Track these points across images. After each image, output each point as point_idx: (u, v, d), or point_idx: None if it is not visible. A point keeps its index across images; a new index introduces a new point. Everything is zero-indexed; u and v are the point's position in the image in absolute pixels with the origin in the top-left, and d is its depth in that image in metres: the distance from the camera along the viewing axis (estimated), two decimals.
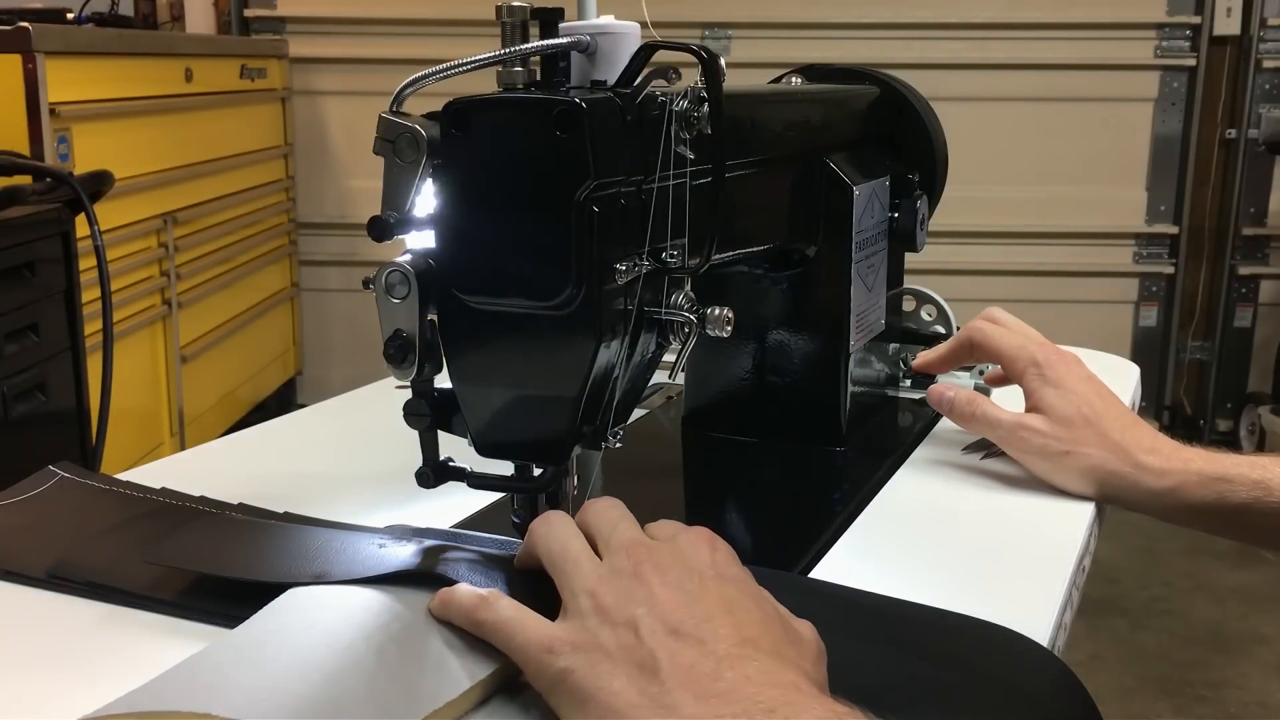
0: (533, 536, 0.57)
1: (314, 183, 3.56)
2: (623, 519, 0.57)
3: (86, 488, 0.80)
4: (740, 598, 0.52)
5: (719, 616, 0.49)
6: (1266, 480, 0.76)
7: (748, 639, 0.49)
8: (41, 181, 1.73)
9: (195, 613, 0.62)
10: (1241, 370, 3.54)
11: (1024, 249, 3.45)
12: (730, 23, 3.40)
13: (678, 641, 0.48)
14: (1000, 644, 0.60)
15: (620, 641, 0.49)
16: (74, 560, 0.67)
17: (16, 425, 1.67)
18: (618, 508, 0.58)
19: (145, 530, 0.72)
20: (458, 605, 0.56)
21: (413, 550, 0.65)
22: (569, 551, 0.54)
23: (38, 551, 0.69)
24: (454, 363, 0.63)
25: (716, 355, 0.94)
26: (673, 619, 0.49)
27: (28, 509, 0.76)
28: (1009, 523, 0.80)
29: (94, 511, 0.76)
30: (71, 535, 0.72)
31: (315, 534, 0.68)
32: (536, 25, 0.63)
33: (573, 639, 0.50)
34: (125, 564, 0.66)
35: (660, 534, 0.57)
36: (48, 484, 0.79)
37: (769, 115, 0.84)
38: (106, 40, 2.39)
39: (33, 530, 0.73)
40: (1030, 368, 0.85)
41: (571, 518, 0.58)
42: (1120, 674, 2.30)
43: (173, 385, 2.61)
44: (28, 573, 0.67)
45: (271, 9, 3.52)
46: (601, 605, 0.51)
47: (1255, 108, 3.39)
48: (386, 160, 0.61)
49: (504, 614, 0.53)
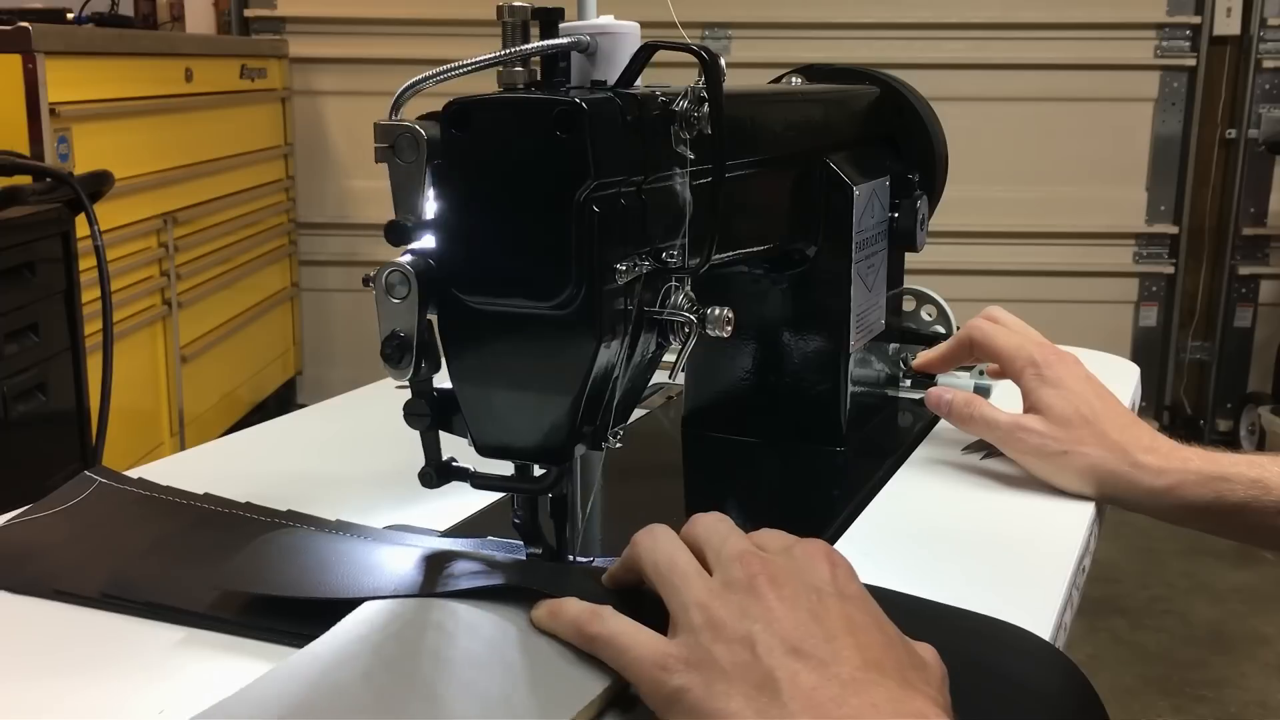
0: (635, 549, 0.55)
1: (314, 183, 3.56)
2: (732, 532, 0.54)
3: (126, 494, 0.78)
4: (862, 618, 0.49)
5: (841, 637, 0.47)
6: (1264, 479, 0.75)
7: (872, 662, 0.46)
8: (41, 181, 1.73)
9: (260, 631, 0.61)
10: (1241, 370, 3.55)
11: (1024, 249, 3.45)
12: (730, 23, 3.40)
13: (798, 661, 0.46)
14: (1009, 641, 0.60)
15: (736, 659, 0.46)
16: (128, 578, 0.65)
17: (16, 425, 1.67)
18: (725, 521, 0.55)
19: (196, 542, 0.70)
20: (567, 618, 0.54)
21: (495, 564, 0.64)
22: (676, 564, 0.52)
23: (88, 569, 0.67)
24: (454, 363, 0.63)
25: (716, 355, 0.94)
26: (792, 637, 0.47)
27: (70, 521, 0.74)
28: (1009, 523, 0.80)
29: (139, 522, 0.74)
30: (120, 549, 0.69)
31: (378, 547, 0.66)
32: (537, 25, 0.63)
33: (686, 655, 0.48)
34: (181, 581, 0.64)
35: (772, 545, 0.54)
36: (86, 492, 0.78)
37: (769, 115, 0.84)
38: (106, 40, 2.39)
39: (78, 544, 0.71)
40: (1028, 367, 0.85)
41: (674, 530, 0.56)
42: (1120, 674, 2.30)
43: (173, 385, 2.61)
44: (80, 592, 0.64)
45: (271, 9, 3.52)
46: (715, 620, 0.48)
47: (1255, 108, 3.39)
48: (390, 165, 0.61)
49: (615, 628, 0.51)
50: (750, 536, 0.55)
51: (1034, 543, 0.77)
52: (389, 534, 0.71)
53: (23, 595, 0.66)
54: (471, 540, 0.69)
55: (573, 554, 0.66)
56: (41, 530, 0.73)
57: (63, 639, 0.62)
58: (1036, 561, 0.74)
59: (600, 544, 0.72)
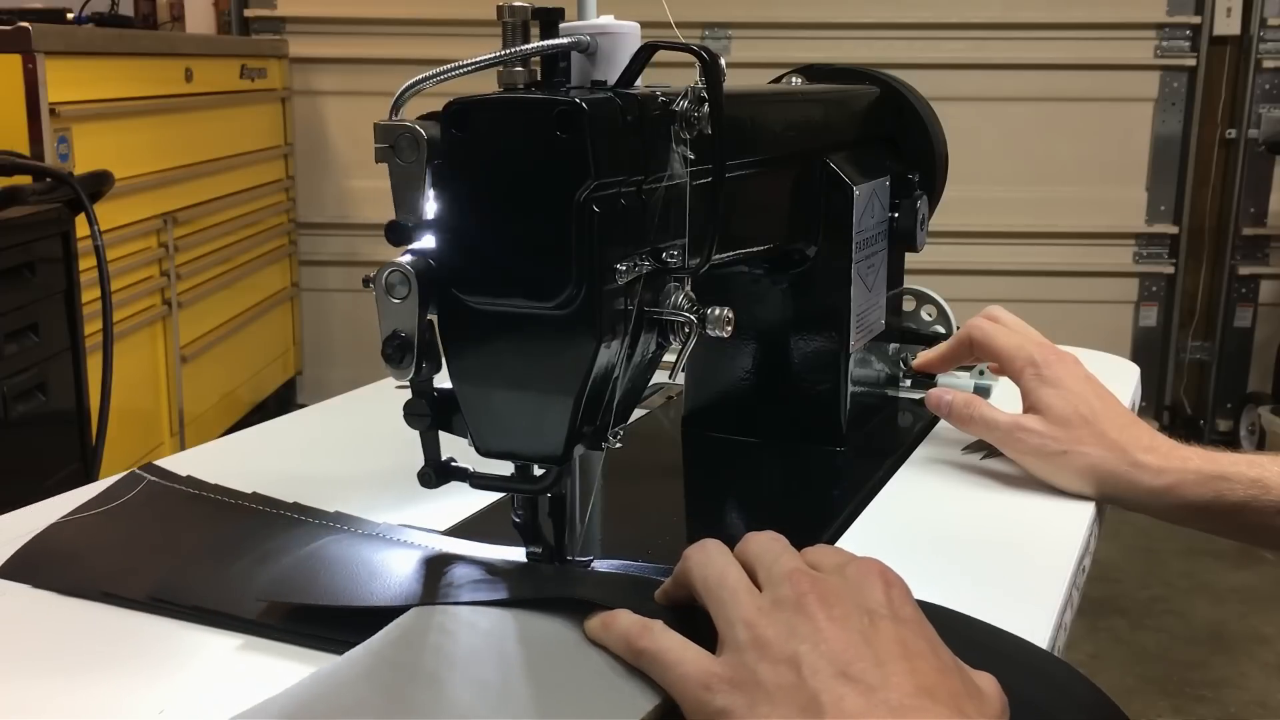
0: (687, 564, 0.54)
1: (314, 183, 3.56)
2: (785, 550, 0.53)
3: (175, 493, 0.78)
4: (916, 641, 0.47)
5: (893, 662, 0.45)
6: (1264, 479, 0.75)
7: (925, 689, 0.44)
8: (41, 181, 1.74)
9: (307, 638, 0.60)
10: (1241, 370, 3.55)
11: (1024, 249, 3.45)
12: (730, 23, 3.40)
13: (845, 685, 0.44)
14: (1039, 669, 0.58)
15: (780, 680, 0.45)
16: (176, 582, 0.65)
17: (16, 425, 1.67)
18: (780, 540, 0.54)
19: (245, 546, 0.69)
20: (618, 630, 0.53)
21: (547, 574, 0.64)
22: (726, 579, 0.51)
23: (135, 571, 0.67)
24: (454, 363, 0.63)
25: (716, 355, 0.94)
26: (840, 659, 0.45)
27: (117, 521, 0.74)
28: (1009, 523, 0.80)
29: (187, 523, 0.74)
30: (168, 551, 0.70)
31: (425, 555, 0.66)
32: (537, 25, 0.63)
33: (730, 675, 0.47)
34: (230, 586, 0.64)
35: (825, 562, 0.52)
36: (134, 490, 0.78)
37: (769, 115, 0.84)
38: (106, 40, 2.39)
39: (126, 545, 0.71)
40: (1027, 367, 0.85)
41: (727, 547, 0.54)
42: (1120, 674, 2.30)
43: (173, 385, 2.61)
44: (127, 594, 0.65)
45: (271, 9, 3.52)
46: (761, 639, 0.47)
47: (1255, 108, 3.39)
48: (390, 166, 0.61)
49: (663, 643, 0.50)
50: (804, 554, 0.53)
51: (1034, 543, 0.77)
52: (436, 540, 0.70)
53: (71, 597, 0.65)
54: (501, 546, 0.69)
55: (572, 554, 0.66)
56: (90, 530, 0.73)
57: (63, 637, 0.62)
58: (1036, 561, 0.73)
59: (600, 544, 0.72)
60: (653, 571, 0.64)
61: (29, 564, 0.69)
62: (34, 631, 0.63)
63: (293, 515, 0.74)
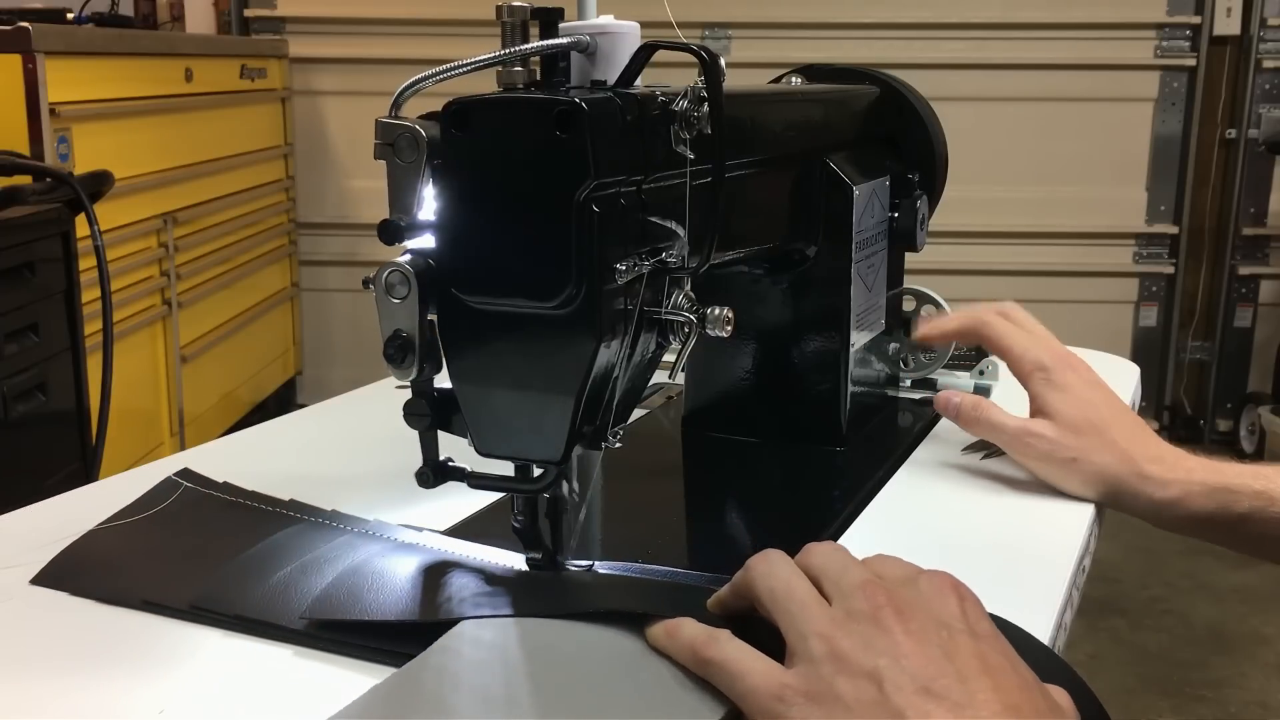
0: (749, 574, 0.52)
1: (314, 183, 3.56)
2: (852, 562, 0.52)
3: (213, 500, 0.78)
4: (996, 658, 0.46)
5: (976, 678, 0.44)
6: (1269, 490, 0.75)
7: (1011, 707, 0.43)
8: (41, 181, 1.74)
9: (352, 648, 0.60)
10: (1241, 370, 3.55)
11: (1024, 249, 3.45)
12: (730, 23, 3.40)
13: (930, 702, 0.43)
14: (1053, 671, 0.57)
15: (861, 695, 0.44)
16: (217, 591, 0.65)
17: (16, 425, 1.67)
18: (843, 550, 0.53)
19: (285, 555, 0.69)
20: (683, 639, 0.52)
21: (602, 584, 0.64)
22: (794, 591, 0.50)
23: (176, 578, 0.67)
24: (454, 363, 0.63)
25: (716, 355, 0.94)
26: (923, 675, 0.44)
27: (157, 528, 0.74)
28: (1009, 523, 0.80)
29: (226, 531, 0.73)
30: (208, 559, 0.69)
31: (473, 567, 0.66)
32: (536, 25, 0.63)
33: (807, 688, 0.45)
34: (271, 596, 0.64)
35: (893, 574, 0.51)
36: (173, 496, 0.78)
37: (769, 115, 0.84)
38: (106, 40, 2.39)
39: (166, 553, 0.71)
40: (1036, 371, 0.84)
41: (789, 557, 0.53)
42: (1120, 674, 2.30)
43: (173, 385, 2.61)
44: (169, 603, 0.64)
45: (271, 9, 3.52)
46: (838, 652, 0.46)
47: (1255, 108, 3.39)
48: (389, 163, 0.61)
49: (731, 653, 0.49)
50: (867, 563, 0.53)
51: (1034, 543, 0.77)
52: (476, 551, 0.69)
53: (112, 605, 0.65)
54: None
55: (568, 555, 0.66)
56: (130, 537, 0.73)
57: (62, 637, 0.62)
58: (1037, 562, 0.73)
59: (599, 545, 0.72)
60: (699, 579, 0.63)
61: (69, 571, 0.68)
62: (34, 632, 0.63)
63: (332, 524, 0.74)
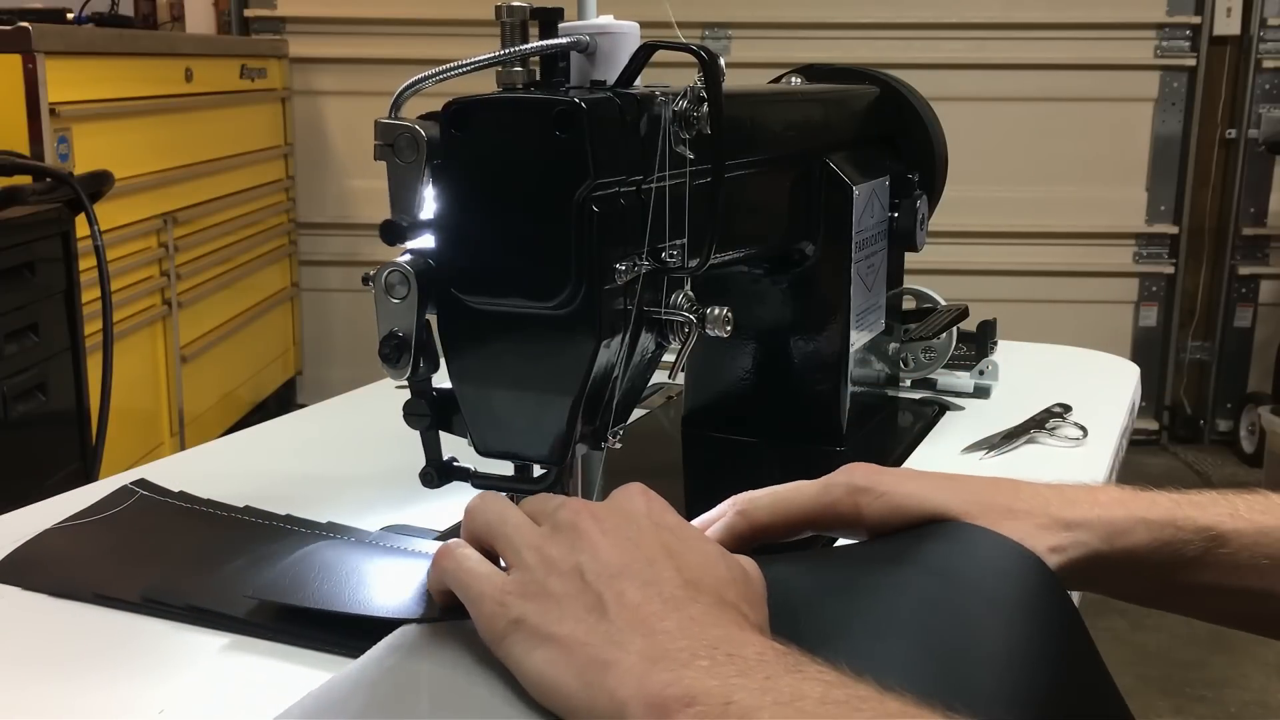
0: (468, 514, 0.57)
1: (314, 183, 3.56)
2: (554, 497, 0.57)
3: (167, 506, 0.78)
4: (678, 542, 0.53)
5: (661, 560, 0.51)
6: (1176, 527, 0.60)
7: (691, 582, 0.50)
8: (41, 181, 1.74)
9: (294, 638, 0.60)
10: (1241, 370, 3.55)
11: (1024, 249, 3.45)
12: (730, 23, 3.40)
13: (622, 583, 0.49)
14: (968, 547, 0.58)
15: (567, 588, 0.50)
16: (168, 583, 0.65)
17: (16, 425, 1.67)
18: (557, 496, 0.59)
19: (236, 550, 0.70)
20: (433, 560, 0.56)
21: None
22: (508, 517, 0.55)
23: (128, 574, 0.67)
24: (454, 363, 0.63)
25: (716, 355, 0.94)
26: (616, 563, 0.50)
27: (111, 529, 0.75)
28: None
29: (180, 532, 0.74)
30: (160, 556, 0.70)
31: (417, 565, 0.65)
32: (536, 25, 0.63)
33: (524, 590, 0.51)
34: (221, 586, 0.65)
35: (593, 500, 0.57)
36: (127, 502, 0.78)
37: (769, 115, 0.84)
38: (106, 40, 2.39)
39: (119, 551, 0.71)
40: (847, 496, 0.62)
41: None
42: (1120, 674, 2.29)
43: (173, 385, 2.61)
44: (121, 596, 0.65)
45: (271, 9, 3.52)
46: (547, 557, 0.52)
47: (1255, 108, 3.39)
48: (389, 164, 0.61)
49: (465, 563, 0.54)
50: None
51: None
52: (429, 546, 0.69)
53: (64, 599, 0.65)
54: None
55: None
56: (83, 537, 0.74)
57: (62, 638, 0.62)
58: None
59: None
60: None
61: (19, 568, 0.69)
62: (35, 633, 0.63)
63: (284, 525, 0.74)
